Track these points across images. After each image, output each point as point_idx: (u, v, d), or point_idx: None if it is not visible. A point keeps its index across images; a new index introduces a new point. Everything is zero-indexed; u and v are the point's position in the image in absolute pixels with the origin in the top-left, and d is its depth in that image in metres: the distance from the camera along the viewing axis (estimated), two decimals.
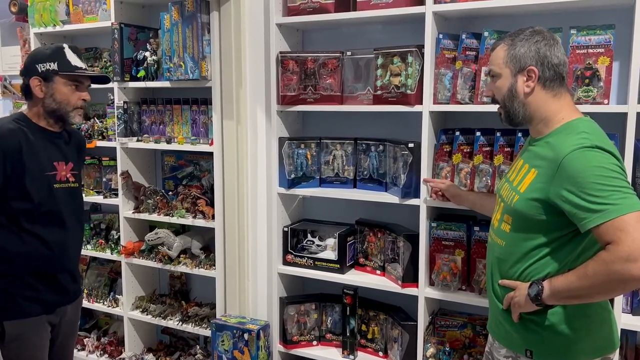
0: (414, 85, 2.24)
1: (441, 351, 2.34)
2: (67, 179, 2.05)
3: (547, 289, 1.46)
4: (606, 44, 1.95)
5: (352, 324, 2.52)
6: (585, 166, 1.39)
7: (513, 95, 1.58)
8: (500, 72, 1.59)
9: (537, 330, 1.55)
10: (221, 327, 2.74)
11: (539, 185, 1.49)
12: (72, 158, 2.10)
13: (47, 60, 1.95)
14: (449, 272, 2.26)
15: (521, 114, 1.59)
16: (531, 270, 1.54)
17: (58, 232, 2.00)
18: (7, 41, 3.73)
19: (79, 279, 2.19)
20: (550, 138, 1.54)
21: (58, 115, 2.00)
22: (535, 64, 1.54)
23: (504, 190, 1.65)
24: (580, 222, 1.40)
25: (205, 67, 2.69)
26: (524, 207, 1.52)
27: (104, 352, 3.29)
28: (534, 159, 1.56)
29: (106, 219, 3.36)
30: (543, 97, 1.55)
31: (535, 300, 1.48)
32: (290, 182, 2.60)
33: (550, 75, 1.54)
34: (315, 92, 2.51)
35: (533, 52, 1.54)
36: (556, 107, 1.56)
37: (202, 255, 2.97)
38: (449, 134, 2.30)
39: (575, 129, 1.50)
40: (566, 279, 1.43)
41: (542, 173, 1.50)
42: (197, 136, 2.88)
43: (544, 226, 1.50)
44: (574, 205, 1.39)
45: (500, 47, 1.60)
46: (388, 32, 2.55)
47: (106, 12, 3.02)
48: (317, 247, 2.67)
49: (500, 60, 1.58)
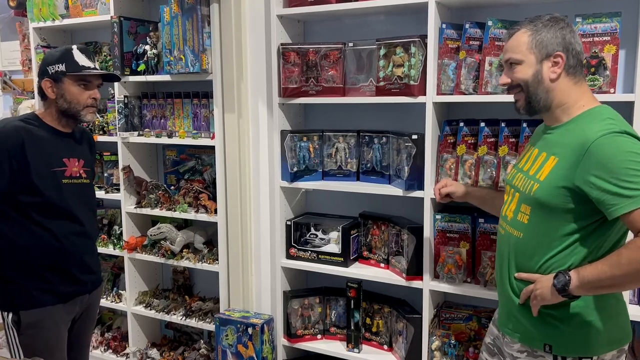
0: (417, 76, 2.21)
1: (446, 344, 2.33)
2: (79, 175, 2.12)
3: (575, 279, 1.41)
4: (612, 32, 1.93)
5: (356, 317, 2.51)
6: (616, 151, 1.37)
7: (538, 82, 1.54)
8: (523, 59, 1.55)
9: (556, 324, 1.52)
10: (225, 321, 2.73)
11: (562, 172, 1.46)
12: (83, 155, 2.17)
13: (56, 62, 2.02)
14: (454, 265, 2.25)
15: (543, 101, 1.55)
16: (553, 262, 1.51)
17: (69, 225, 2.06)
18: (7, 36, 3.71)
19: (97, 270, 2.26)
20: (570, 125, 1.52)
21: (70, 114, 2.06)
22: (562, 50, 1.51)
23: (518, 180, 1.61)
24: (610, 208, 1.37)
25: (206, 60, 2.67)
26: (546, 195, 1.48)
27: (108, 347, 3.29)
28: (552, 146, 1.53)
29: (108, 214, 3.36)
30: (567, 84, 1.53)
31: (562, 292, 1.44)
32: (293, 175, 2.58)
33: (574, 62, 1.53)
34: (317, 84, 2.49)
35: (560, 38, 1.51)
36: (577, 95, 1.54)
37: (205, 250, 2.96)
38: (452, 125, 2.28)
39: (599, 116, 1.47)
40: (596, 268, 1.40)
41: (564, 159, 1.47)
42: (199, 130, 2.87)
43: (567, 215, 1.47)
44: (604, 190, 1.36)
45: (521, 32, 1.56)
46: (390, 23, 2.52)
47: (105, 5, 2.99)
48: (320, 241, 2.65)
49: (524, 46, 1.54)
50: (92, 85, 2.07)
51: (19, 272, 2.01)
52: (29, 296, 2.01)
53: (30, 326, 2.01)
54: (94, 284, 2.21)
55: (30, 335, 2.01)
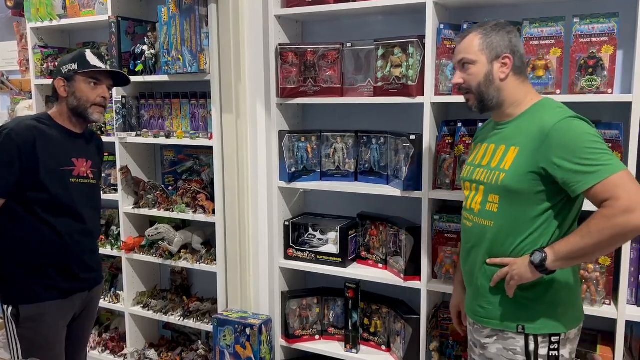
0: (415, 76, 2.21)
1: (444, 344, 2.33)
2: (86, 175, 2.17)
3: (551, 254, 1.51)
4: (610, 32, 1.93)
5: (354, 318, 2.50)
6: (574, 133, 1.50)
7: (489, 81, 1.65)
8: (476, 59, 1.65)
9: (529, 305, 1.61)
10: (223, 322, 2.73)
11: (526, 159, 1.56)
12: (92, 157, 2.22)
13: (69, 62, 2.10)
14: (452, 265, 2.25)
15: (495, 99, 1.66)
16: (526, 245, 1.59)
17: (73, 223, 2.10)
18: (4, 36, 3.71)
19: (98, 268, 2.29)
20: (523, 117, 1.64)
21: (79, 112, 2.11)
22: (510, 52, 1.64)
23: (479, 174, 1.70)
24: (574, 185, 1.48)
25: (204, 60, 2.66)
26: (514, 182, 1.57)
27: (105, 347, 3.29)
28: (510, 139, 1.64)
29: (106, 215, 3.35)
30: (514, 83, 1.66)
31: (539, 268, 1.52)
32: (291, 175, 2.58)
33: (519, 63, 1.66)
34: (315, 84, 2.49)
35: (507, 42, 1.64)
36: (524, 92, 1.67)
37: (203, 250, 2.96)
38: (450, 126, 2.28)
39: (549, 106, 1.62)
40: (569, 241, 1.50)
41: (526, 147, 1.57)
42: (197, 130, 2.86)
43: (535, 198, 1.57)
44: (568, 170, 1.48)
45: (472, 35, 1.67)
46: (389, 23, 2.52)
47: (103, 5, 2.99)
48: (318, 241, 2.65)
49: (476, 47, 1.65)
50: (102, 84, 2.12)
51: (20, 267, 2.05)
52: (29, 291, 2.05)
53: (29, 320, 2.04)
54: (95, 281, 2.25)
55: (28, 329, 2.04)
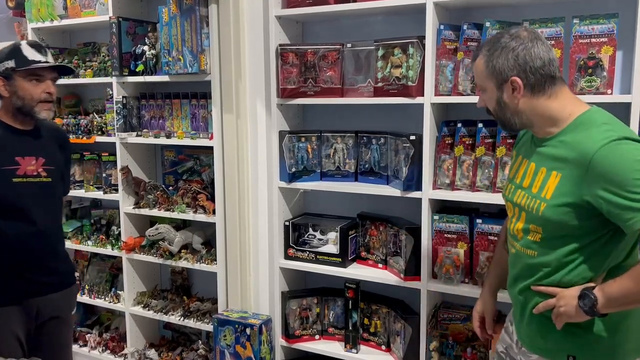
0: (415, 76, 2.22)
1: (444, 344, 2.33)
2: (37, 174, 2.05)
3: (602, 298, 1.36)
4: (609, 33, 1.93)
5: (354, 318, 2.51)
6: (620, 162, 1.30)
7: (503, 107, 1.50)
8: (485, 86, 1.51)
9: (580, 334, 1.47)
10: (223, 322, 2.73)
11: (568, 189, 1.39)
12: (45, 154, 2.09)
13: (5, 60, 1.98)
14: (452, 265, 2.25)
15: (517, 122, 1.50)
16: (573, 276, 1.45)
17: (22, 226, 2.00)
18: (5, 36, 3.70)
19: (63, 271, 2.18)
20: (563, 137, 1.44)
21: (25, 111, 2.01)
22: (517, 73, 1.44)
23: (520, 197, 1.54)
24: (626, 222, 1.31)
25: (204, 60, 2.67)
26: (555, 214, 1.42)
27: (106, 347, 3.29)
28: (550, 161, 1.46)
29: (106, 215, 3.36)
30: (536, 102, 1.46)
31: (590, 313, 1.38)
32: (291, 175, 2.58)
33: (536, 80, 1.44)
34: (316, 84, 2.49)
35: (512, 62, 1.43)
36: (558, 106, 1.46)
37: (204, 250, 2.96)
38: (450, 126, 2.28)
39: (593, 123, 1.40)
40: (621, 285, 1.35)
41: (567, 175, 1.40)
42: (197, 130, 2.87)
43: (580, 230, 1.41)
44: (616, 205, 1.30)
45: (479, 58, 1.51)
46: (389, 24, 2.53)
47: (104, 6, 2.99)
48: (318, 241, 2.65)
49: (482, 73, 1.50)
50: (45, 79, 2.01)
51: None
52: None
53: None
54: (60, 284, 2.14)
55: None
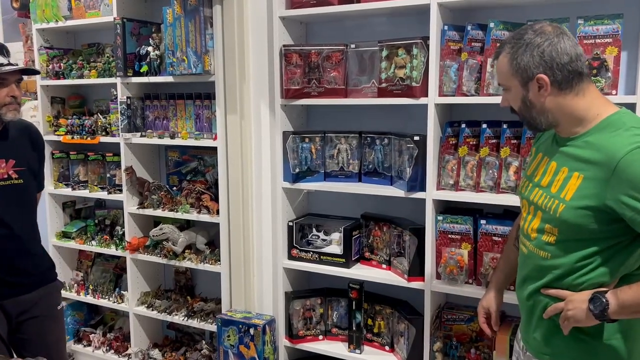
0: (419, 77, 2.22)
1: (448, 345, 2.33)
2: (8, 176, 2.05)
3: (614, 304, 1.32)
4: (614, 33, 1.93)
5: (358, 318, 2.51)
6: None
7: (528, 106, 1.45)
8: (509, 85, 1.46)
9: (589, 341, 1.43)
10: (227, 322, 2.74)
11: (591, 192, 1.35)
12: (15, 155, 2.09)
13: None
14: (456, 266, 2.25)
15: (544, 122, 1.45)
16: (586, 280, 1.41)
17: None
18: (10, 37, 3.72)
19: (38, 271, 2.19)
20: (589, 137, 1.40)
21: None
22: (544, 70, 1.39)
23: (537, 196, 1.50)
24: None
25: (209, 61, 2.67)
26: (574, 216, 1.38)
27: (110, 347, 3.29)
28: (573, 161, 1.41)
29: (111, 215, 3.37)
30: (563, 100, 1.41)
31: (600, 317, 1.34)
32: (295, 176, 2.58)
33: (563, 76, 1.39)
34: (320, 85, 2.50)
35: (537, 59, 1.38)
36: (584, 105, 1.41)
37: (207, 251, 2.96)
38: (454, 127, 2.28)
39: (621, 126, 1.36)
40: (637, 291, 1.31)
41: (590, 177, 1.36)
42: (201, 131, 2.87)
43: (598, 235, 1.38)
44: (639, 211, 1.28)
45: (502, 56, 1.46)
46: (392, 24, 2.53)
47: (108, 7, 3.00)
48: (322, 242, 2.66)
49: (506, 71, 1.45)
50: (9, 82, 1.98)
51: None
52: None
53: None
54: (38, 283, 2.16)
55: None
